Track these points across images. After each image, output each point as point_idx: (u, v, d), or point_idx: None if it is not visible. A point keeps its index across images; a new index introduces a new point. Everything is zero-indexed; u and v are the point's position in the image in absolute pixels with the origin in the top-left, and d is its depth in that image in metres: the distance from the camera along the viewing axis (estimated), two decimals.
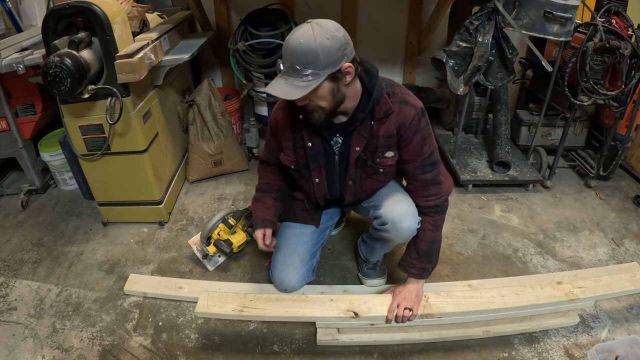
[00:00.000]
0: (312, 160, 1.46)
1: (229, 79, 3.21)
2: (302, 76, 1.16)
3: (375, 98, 1.30)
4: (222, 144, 2.49)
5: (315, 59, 1.14)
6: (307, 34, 1.14)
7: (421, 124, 1.35)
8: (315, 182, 1.51)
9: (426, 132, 1.37)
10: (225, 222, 1.85)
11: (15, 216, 2.34)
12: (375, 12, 2.96)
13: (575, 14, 1.97)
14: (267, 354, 1.54)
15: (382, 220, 1.46)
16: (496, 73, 2.18)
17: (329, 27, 1.16)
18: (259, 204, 1.62)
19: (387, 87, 1.35)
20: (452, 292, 1.53)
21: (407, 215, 1.42)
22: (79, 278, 1.90)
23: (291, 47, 1.15)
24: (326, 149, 1.44)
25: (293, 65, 1.16)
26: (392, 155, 1.40)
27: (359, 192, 1.54)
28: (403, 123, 1.34)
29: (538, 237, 2.11)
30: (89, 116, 1.89)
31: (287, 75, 1.19)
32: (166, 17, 2.53)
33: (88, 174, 2.09)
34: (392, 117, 1.34)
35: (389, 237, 1.49)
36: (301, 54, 1.14)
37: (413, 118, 1.33)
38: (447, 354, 1.53)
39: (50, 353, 1.56)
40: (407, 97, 1.36)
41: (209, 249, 1.86)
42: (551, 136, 2.68)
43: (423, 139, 1.37)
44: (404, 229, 1.42)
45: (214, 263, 1.93)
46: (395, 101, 1.34)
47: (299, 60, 1.15)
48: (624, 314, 1.67)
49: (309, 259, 1.66)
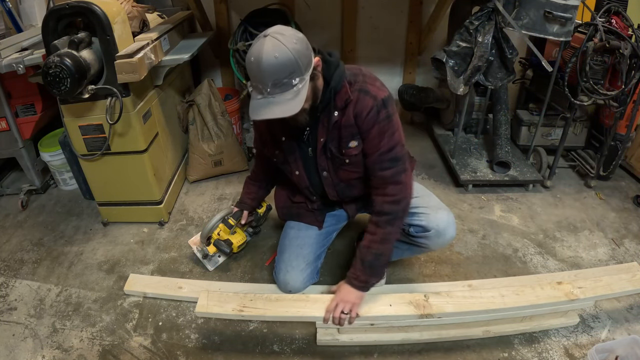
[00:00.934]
0: (288, 154, 1.49)
1: (229, 79, 3.21)
2: (291, 87, 1.15)
3: (332, 87, 1.29)
4: (222, 144, 2.49)
5: (296, 67, 1.14)
6: (278, 47, 1.12)
7: (380, 116, 1.29)
8: (296, 174, 1.53)
9: (385, 125, 1.31)
10: (225, 222, 1.84)
11: (15, 216, 2.34)
12: (375, 12, 2.96)
13: (575, 14, 1.97)
14: (267, 354, 1.54)
15: (425, 227, 1.45)
16: (496, 73, 2.18)
17: (289, 33, 1.16)
18: (245, 188, 1.83)
19: (349, 76, 1.33)
20: (452, 292, 1.53)
21: (450, 223, 1.45)
22: (79, 278, 1.90)
23: (267, 64, 1.11)
24: (299, 141, 1.45)
25: (278, 82, 1.14)
26: (355, 144, 1.37)
27: (337, 184, 1.53)
28: (360, 113, 1.30)
29: (538, 237, 2.11)
30: (89, 116, 1.89)
31: (272, 95, 1.16)
32: (166, 17, 2.53)
33: (88, 174, 2.09)
34: (350, 106, 1.32)
35: (427, 244, 1.49)
36: (282, 68, 1.12)
37: (371, 109, 1.29)
38: (447, 354, 1.53)
39: (50, 353, 1.56)
40: (369, 86, 1.31)
41: (209, 249, 1.85)
42: (551, 136, 2.68)
43: (381, 132, 1.31)
44: (447, 238, 1.46)
45: (214, 263, 1.93)
46: (355, 90, 1.32)
47: (281, 75, 1.13)
48: (624, 314, 1.67)
49: (313, 261, 1.66)
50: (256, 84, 1.18)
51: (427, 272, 1.89)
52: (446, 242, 1.49)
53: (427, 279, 1.85)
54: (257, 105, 1.18)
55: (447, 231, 1.44)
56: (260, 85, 1.16)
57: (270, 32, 1.15)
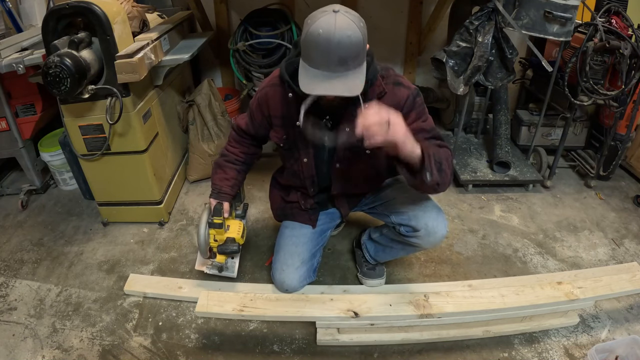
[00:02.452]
0: (301, 139, 1.44)
1: (229, 79, 3.21)
2: (355, 67, 1.13)
3: (369, 79, 1.27)
4: (222, 144, 2.48)
5: (363, 49, 1.13)
6: (351, 25, 1.08)
7: (416, 102, 1.34)
8: (304, 161, 1.49)
9: (421, 109, 1.35)
10: (212, 225, 1.57)
11: (15, 216, 2.34)
12: (375, 12, 2.96)
13: (575, 14, 1.97)
14: (267, 354, 1.54)
15: (414, 227, 1.44)
16: (496, 73, 2.18)
17: (353, 12, 1.12)
18: (219, 172, 1.59)
19: (381, 70, 1.34)
20: (452, 292, 1.53)
21: (439, 222, 1.43)
22: (79, 278, 1.90)
23: (339, 42, 1.07)
24: (314, 128, 1.40)
25: (343, 60, 1.09)
26: None
27: (347, 180, 1.52)
28: (397, 104, 1.31)
29: (538, 237, 2.11)
30: (89, 116, 1.89)
31: (335, 72, 1.11)
32: (166, 17, 2.53)
33: (88, 174, 2.09)
34: (385, 99, 1.32)
35: (419, 244, 1.48)
36: (353, 47, 1.09)
37: (407, 98, 1.33)
38: (447, 354, 1.53)
39: (50, 353, 1.56)
40: (401, 79, 1.36)
41: (218, 259, 1.64)
42: (551, 136, 2.68)
43: (419, 114, 1.35)
44: (438, 236, 1.43)
45: (233, 269, 1.70)
46: (389, 83, 1.34)
47: (350, 54, 1.09)
48: (624, 314, 1.67)
49: (309, 259, 1.66)
50: (317, 58, 1.11)
51: (427, 272, 1.89)
52: (437, 241, 1.47)
53: (427, 279, 1.85)
54: (314, 80, 1.12)
55: (437, 230, 1.43)
56: (323, 60, 1.10)
57: (339, 9, 1.11)
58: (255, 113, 1.51)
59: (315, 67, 1.12)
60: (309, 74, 1.14)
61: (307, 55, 1.14)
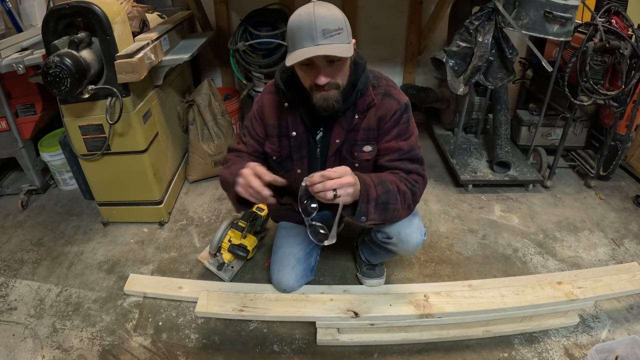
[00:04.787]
0: (295, 151, 1.43)
1: (229, 79, 3.21)
2: (342, 39, 1.13)
3: (359, 90, 1.28)
4: (222, 144, 2.49)
5: (343, 26, 1.14)
6: (328, 5, 1.14)
7: (402, 119, 1.32)
8: (297, 172, 1.48)
9: (404, 127, 1.33)
10: (235, 226, 1.77)
11: (15, 216, 2.34)
12: (375, 12, 2.96)
13: (575, 14, 1.97)
14: (267, 354, 1.54)
15: (387, 234, 1.42)
16: (496, 73, 2.18)
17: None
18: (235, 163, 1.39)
19: (372, 79, 1.33)
20: (452, 292, 1.53)
21: (413, 230, 1.39)
22: (79, 278, 1.90)
23: (319, 15, 1.11)
24: (309, 139, 1.41)
25: (327, 32, 1.11)
26: (369, 150, 1.37)
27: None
28: (383, 116, 1.31)
29: (538, 237, 2.11)
30: (89, 116, 1.89)
31: (322, 43, 1.11)
32: (166, 17, 2.53)
33: (88, 174, 2.09)
34: (372, 110, 1.32)
35: (395, 250, 1.47)
36: (332, 20, 1.12)
37: (395, 113, 1.31)
38: (447, 354, 1.53)
39: (50, 353, 1.56)
40: (392, 90, 1.34)
41: (224, 256, 1.78)
42: (551, 136, 2.68)
43: (401, 132, 1.32)
44: (411, 244, 1.40)
45: (230, 273, 1.83)
46: (379, 93, 1.32)
47: (332, 25, 1.11)
48: (624, 314, 1.67)
49: (304, 258, 1.66)
50: (301, 36, 1.13)
51: (427, 272, 1.89)
52: (412, 248, 1.42)
53: (427, 279, 1.85)
54: (302, 51, 1.13)
55: (410, 238, 1.38)
56: (308, 35, 1.12)
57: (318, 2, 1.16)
58: (255, 126, 1.46)
59: (301, 46, 1.13)
60: (296, 51, 1.15)
61: (292, 42, 1.16)
